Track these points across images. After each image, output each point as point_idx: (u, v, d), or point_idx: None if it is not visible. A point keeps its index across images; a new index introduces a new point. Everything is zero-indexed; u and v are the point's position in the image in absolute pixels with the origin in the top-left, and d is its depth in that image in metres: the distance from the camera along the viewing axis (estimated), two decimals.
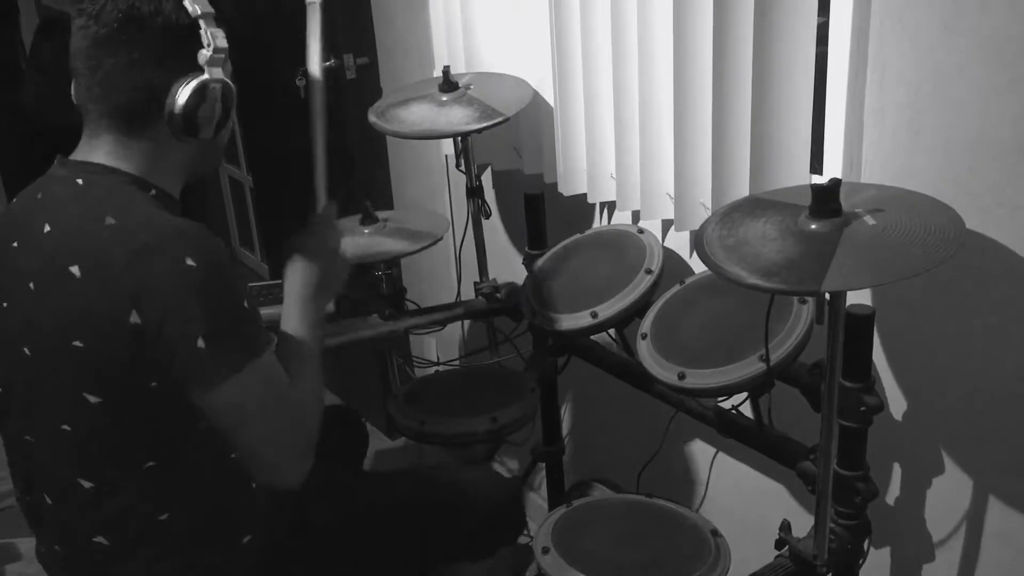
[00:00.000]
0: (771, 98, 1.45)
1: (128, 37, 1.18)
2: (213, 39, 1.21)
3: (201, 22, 1.21)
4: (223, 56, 1.22)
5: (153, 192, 1.25)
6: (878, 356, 1.46)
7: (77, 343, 1.17)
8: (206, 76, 1.21)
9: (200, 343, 1.15)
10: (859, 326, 1.26)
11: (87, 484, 1.25)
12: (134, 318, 1.14)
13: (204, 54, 1.21)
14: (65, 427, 1.23)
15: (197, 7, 1.20)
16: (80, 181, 1.22)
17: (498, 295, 2.02)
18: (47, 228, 1.21)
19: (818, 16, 1.39)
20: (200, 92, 1.20)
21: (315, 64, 1.45)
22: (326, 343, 1.43)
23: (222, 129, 1.27)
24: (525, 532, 1.89)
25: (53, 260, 1.18)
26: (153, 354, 1.16)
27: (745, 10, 1.42)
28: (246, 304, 1.20)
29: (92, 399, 1.20)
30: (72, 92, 1.24)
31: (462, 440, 1.88)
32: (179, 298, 1.14)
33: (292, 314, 1.35)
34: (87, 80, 1.21)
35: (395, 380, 2.43)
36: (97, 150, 1.24)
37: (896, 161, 1.35)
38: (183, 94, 1.20)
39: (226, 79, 1.24)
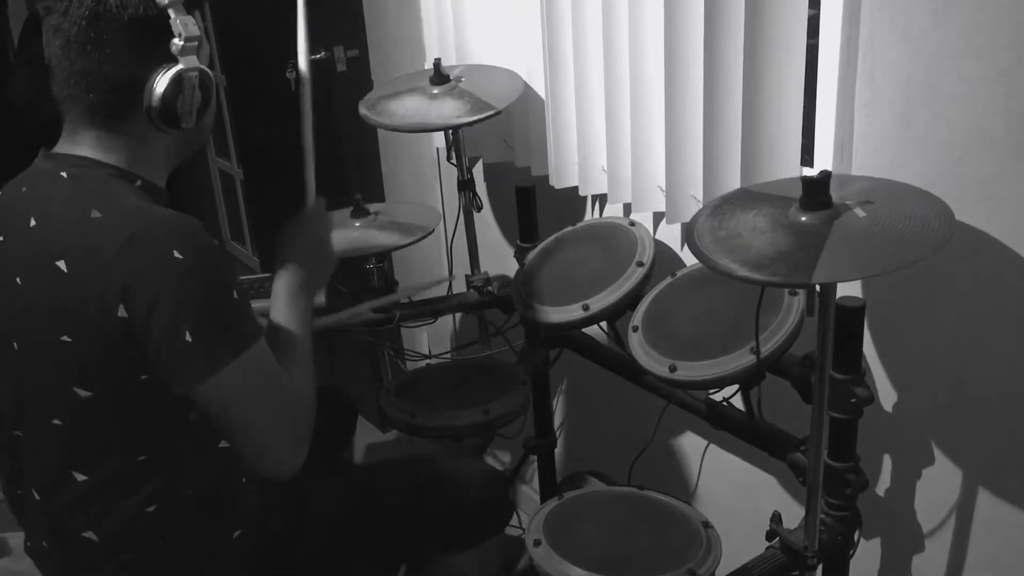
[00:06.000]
0: (762, 91, 1.45)
1: (97, 33, 1.16)
2: (184, 27, 1.18)
3: (170, 11, 1.18)
4: (196, 43, 1.20)
5: (139, 183, 1.24)
6: (868, 348, 1.46)
7: (65, 338, 1.17)
8: (181, 66, 1.19)
9: (188, 336, 1.14)
10: (849, 318, 1.27)
11: (80, 477, 1.25)
12: (121, 312, 1.13)
13: (176, 44, 1.18)
14: (56, 421, 1.23)
15: None
16: (65, 174, 1.21)
17: (489, 288, 2.02)
18: (33, 222, 1.20)
19: (809, 8, 1.40)
20: (176, 83, 1.19)
21: (303, 61, 1.45)
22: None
23: (203, 116, 1.26)
24: (516, 524, 1.89)
25: (40, 255, 1.18)
26: (141, 348, 1.15)
27: (736, 3, 1.42)
28: (236, 295, 1.19)
29: (82, 393, 1.19)
30: (52, 89, 1.23)
31: (453, 433, 1.88)
32: (166, 291, 1.13)
33: (281, 305, 1.35)
34: (63, 79, 1.20)
35: (387, 373, 2.44)
36: (80, 144, 1.23)
37: (886, 153, 1.35)
38: (159, 87, 1.18)
39: (202, 67, 1.22)
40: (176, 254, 1.13)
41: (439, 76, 1.89)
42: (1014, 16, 1.17)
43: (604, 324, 1.71)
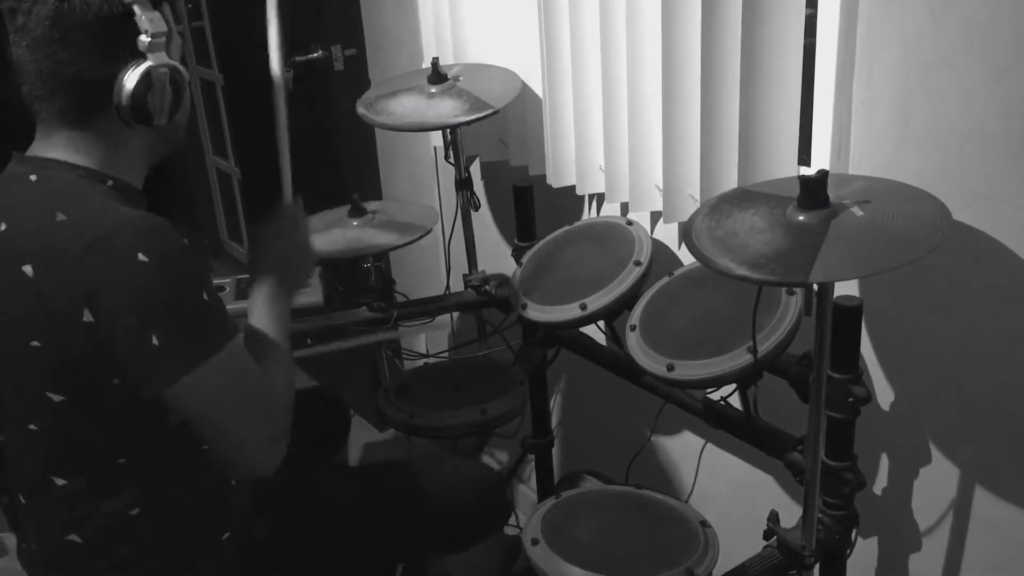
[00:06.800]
0: (759, 90, 1.45)
1: (62, 33, 1.14)
2: (151, 23, 1.16)
3: (136, 8, 1.15)
4: (163, 39, 1.17)
5: (111, 183, 1.21)
6: (866, 347, 1.46)
7: (35, 343, 1.15)
8: (150, 63, 1.16)
9: (155, 340, 1.11)
10: (847, 317, 1.27)
11: (60, 482, 1.24)
12: (87, 317, 1.11)
13: (143, 40, 1.16)
14: (32, 426, 1.22)
15: None
16: (34, 177, 1.19)
17: (487, 287, 2.02)
18: (3, 227, 1.18)
19: (806, 8, 1.40)
20: (146, 79, 1.16)
21: (276, 65, 1.44)
22: (320, 351, 1.43)
23: (176, 113, 1.23)
24: (514, 524, 1.89)
25: (7, 259, 1.16)
26: (110, 353, 1.13)
27: (734, 2, 1.42)
28: (206, 296, 1.16)
29: (55, 398, 1.18)
30: (22, 91, 1.21)
31: (451, 432, 1.88)
32: (131, 296, 1.11)
33: (258, 306, 1.34)
34: (31, 80, 1.18)
35: (385, 373, 2.43)
36: (52, 146, 1.21)
37: (884, 152, 1.35)
38: (128, 84, 1.16)
39: (173, 62, 1.19)
40: (141, 257, 1.10)
41: (437, 75, 1.89)
42: (1013, 16, 1.17)
43: (602, 323, 1.71)
